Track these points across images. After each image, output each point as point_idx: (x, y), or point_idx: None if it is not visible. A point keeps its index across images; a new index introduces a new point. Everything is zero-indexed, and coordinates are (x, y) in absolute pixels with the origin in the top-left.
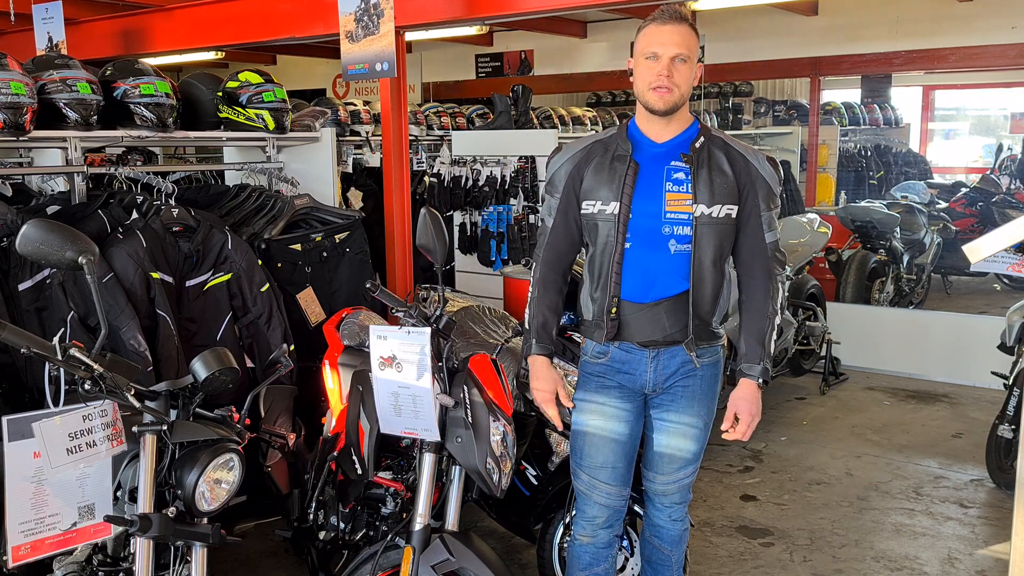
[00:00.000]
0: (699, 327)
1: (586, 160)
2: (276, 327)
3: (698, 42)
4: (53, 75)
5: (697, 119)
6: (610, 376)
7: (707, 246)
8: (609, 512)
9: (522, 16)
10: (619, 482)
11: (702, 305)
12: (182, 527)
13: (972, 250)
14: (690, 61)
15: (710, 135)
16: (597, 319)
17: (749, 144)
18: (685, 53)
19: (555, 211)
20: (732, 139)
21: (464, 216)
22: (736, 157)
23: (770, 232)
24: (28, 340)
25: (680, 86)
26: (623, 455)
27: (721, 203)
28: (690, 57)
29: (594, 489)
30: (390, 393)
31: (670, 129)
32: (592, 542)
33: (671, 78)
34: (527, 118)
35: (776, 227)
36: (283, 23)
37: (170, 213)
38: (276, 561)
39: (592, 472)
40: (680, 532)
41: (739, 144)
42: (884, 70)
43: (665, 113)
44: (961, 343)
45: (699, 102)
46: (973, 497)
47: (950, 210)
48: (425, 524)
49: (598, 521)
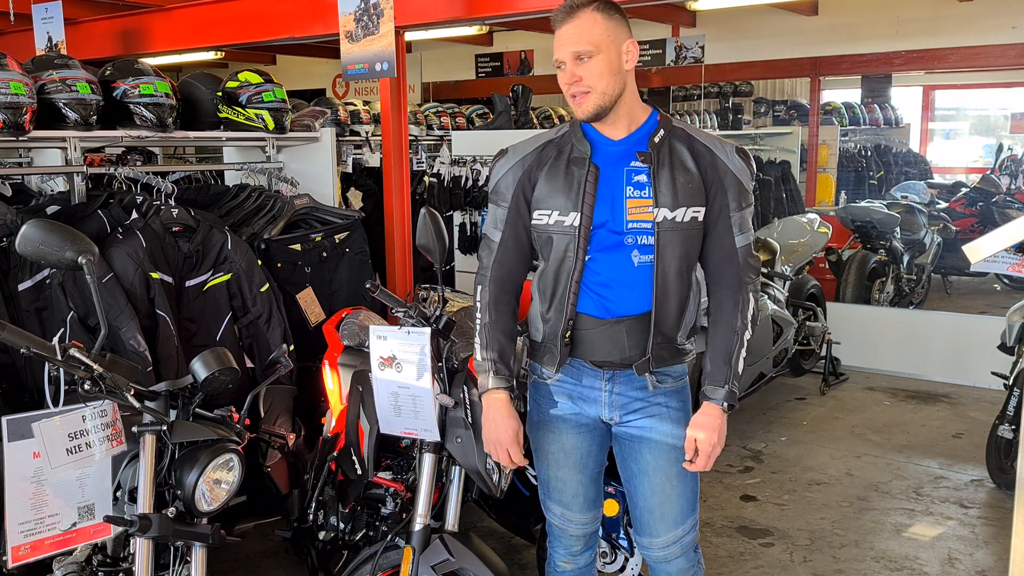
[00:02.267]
0: (660, 346)
1: (537, 164)
2: (276, 327)
3: (610, 23)
4: (53, 75)
5: (656, 109)
6: (562, 398)
7: (672, 256)
8: (582, 538)
9: (522, 16)
10: (591, 508)
11: (666, 322)
12: (182, 527)
13: (972, 250)
14: (600, 52)
15: (671, 127)
16: (548, 342)
17: (715, 135)
18: (586, 48)
19: (502, 223)
20: (696, 130)
21: (464, 216)
22: (701, 151)
23: (741, 235)
24: (28, 340)
25: (596, 85)
26: (591, 481)
27: (686, 205)
28: (596, 49)
29: (569, 522)
30: (390, 393)
31: (623, 125)
32: (573, 568)
33: (580, 82)
34: (527, 118)
35: (749, 229)
36: (283, 23)
37: (170, 213)
38: (276, 561)
39: (564, 505)
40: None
41: (704, 135)
42: (884, 70)
43: (594, 119)
44: (961, 343)
45: (699, 102)
46: (973, 497)
47: (950, 210)
48: (425, 524)
49: (575, 549)
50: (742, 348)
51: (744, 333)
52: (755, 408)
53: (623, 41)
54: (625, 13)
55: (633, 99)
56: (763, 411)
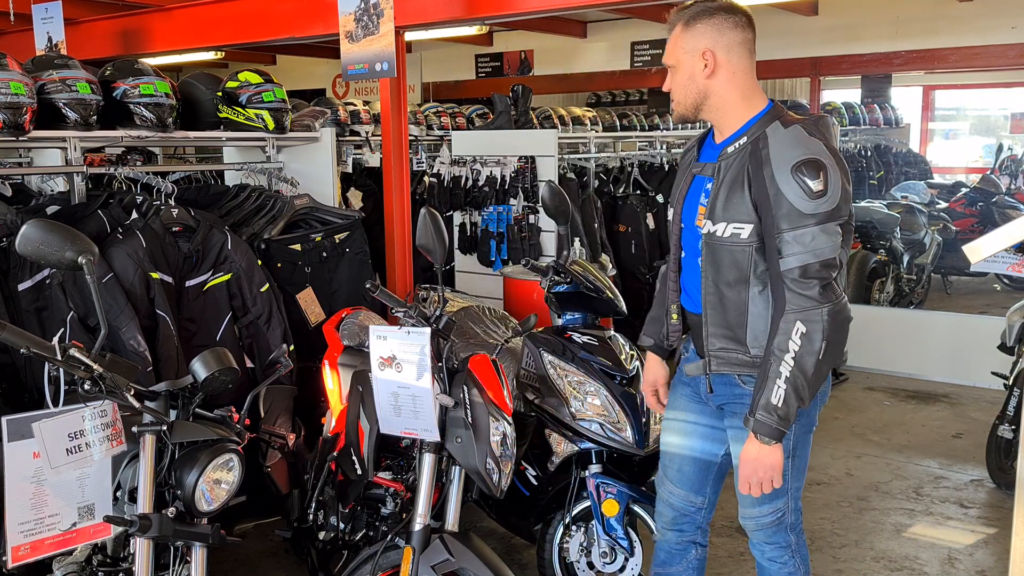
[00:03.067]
0: (722, 351)
1: (682, 156)
2: (276, 327)
3: (689, 36)
4: (53, 75)
5: (765, 110)
6: (680, 376)
7: (714, 266)
8: (673, 513)
9: (522, 16)
10: (685, 486)
11: (720, 329)
12: (182, 527)
13: (972, 250)
14: (679, 66)
15: (757, 135)
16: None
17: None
18: (669, 62)
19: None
20: (779, 139)
21: (464, 216)
22: (760, 165)
23: (789, 257)
24: (28, 340)
25: (675, 96)
26: (693, 461)
27: (726, 221)
28: (677, 63)
29: (662, 484)
30: (390, 393)
31: (720, 129)
32: (663, 540)
33: (671, 92)
34: (527, 118)
35: (798, 251)
36: (283, 23)
37: (170, 213)
38: (276, 561)
39: (664, 466)
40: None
41: (778, 146)
42: (884, 70)
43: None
44: (961, 343)
45: None
46: (973, 497)
47: (950, 210)
48: (425, 524)
49: (664, 519)
50: (778, 377)
51: (783, 359)
52: None
53: (702, 50)
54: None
55: (723, 105)
56: None
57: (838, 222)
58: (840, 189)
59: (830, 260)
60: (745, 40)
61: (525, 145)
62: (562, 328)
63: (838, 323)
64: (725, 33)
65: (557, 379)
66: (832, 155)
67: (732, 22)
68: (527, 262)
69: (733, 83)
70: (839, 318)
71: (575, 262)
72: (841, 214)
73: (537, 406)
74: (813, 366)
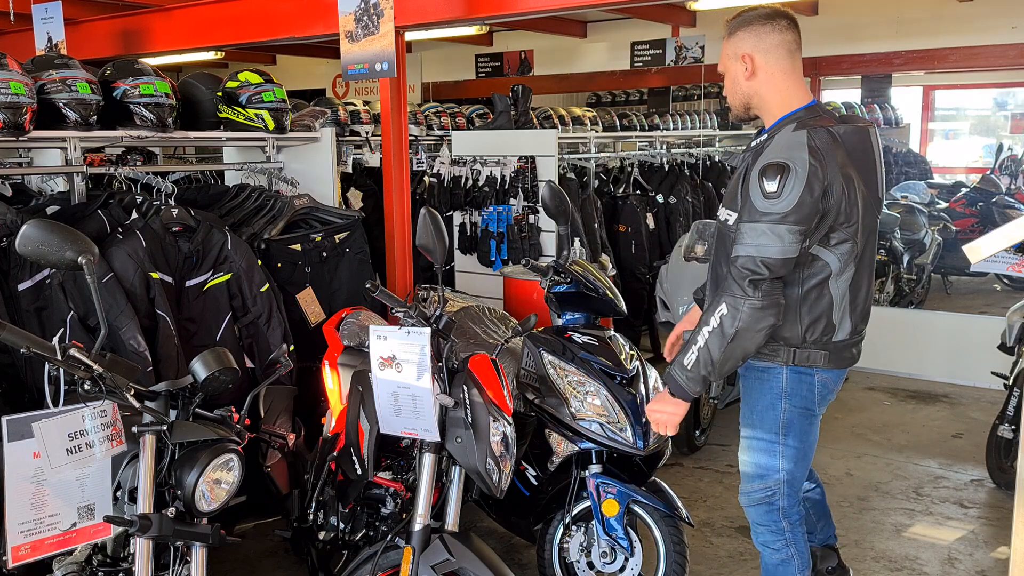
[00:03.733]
0: None
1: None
2: (276, 327)
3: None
4: (53, 75)
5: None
6: None
7: (718, 249)
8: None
9: (522, 16)
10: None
11: None
12: (182, 527)
13: (972, 250)
14: (727, 72)
15: (776, 132)
16: None
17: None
18: (720, 70)
19: None
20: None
21: (464, 216)
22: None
23: (738, 245)
24: (28, 340)
25: (728, 99)
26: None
27: (728, 208)
28: (725, 70)
29: None
30: (390, 393)
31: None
32: None
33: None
34: (527, 118)
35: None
36: (283, 23)
37: (170, 213)
38: (276, 561)
39: None
40: (767, 561)
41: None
42: (884, 70)
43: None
44: (961, 343)
45: (699, 102)
46: (973, 497)
47: (950, 210)
48: (425, 524)
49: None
50: (694, 343)
51: (702, 329)
52: None
53: (741, 55)
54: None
55: (764, 102)
56: None
57: (795, 226)
58: (797, 197)
59: (769, 260)
60: (783, 42)
61: (525, 145)
62: (562, 328)
63: (755, 320)
64: (763, 38)
65: (557, 379)
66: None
67: (770, 27)
68: (527, 262)
69: (772, 84)
70: (758, 316)
71: (575, 262)
72: (799, 219)
73: (537, 406)
74: (719, 347)
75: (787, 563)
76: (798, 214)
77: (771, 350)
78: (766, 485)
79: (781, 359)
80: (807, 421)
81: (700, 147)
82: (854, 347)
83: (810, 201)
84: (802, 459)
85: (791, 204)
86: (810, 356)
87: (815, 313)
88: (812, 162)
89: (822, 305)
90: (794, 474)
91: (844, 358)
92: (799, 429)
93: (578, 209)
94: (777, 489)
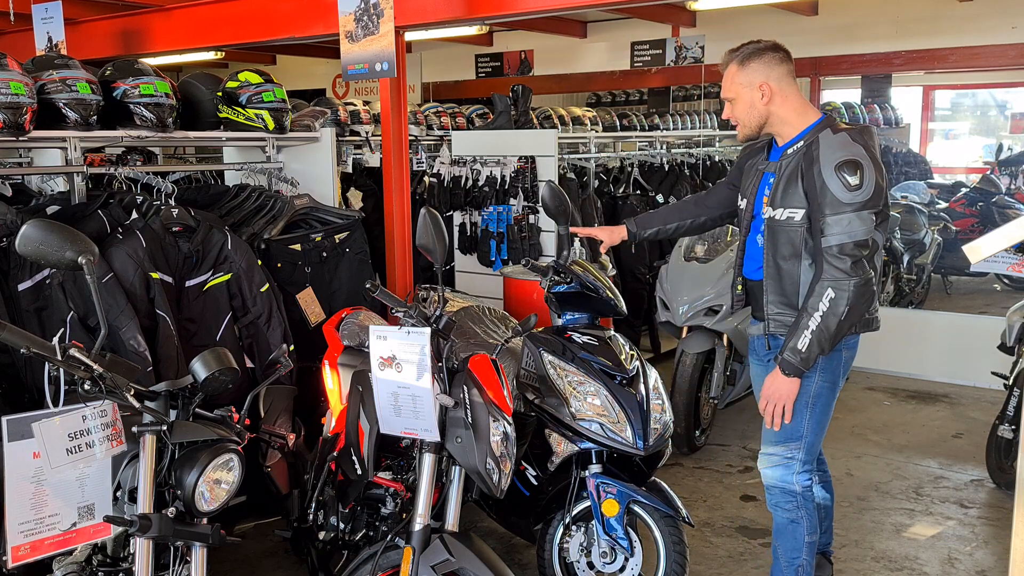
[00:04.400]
0: (778, 315)
1: (749, 155)
2: (276, 327)
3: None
4: (53, 75)
5: (819, 120)
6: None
7: (771, 243)
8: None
9: (522, 16)
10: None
11: (776, 295)
12: (182, 527)
13: (972, 250)
14: (738, 98)
15: (812, 140)
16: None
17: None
18: (728, 95)
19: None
20: (830, 143)
21: (464, 216)
22: (811, 164)
23: (830, 236)
24: (28, 340)
25: (740, 120)
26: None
27: (783, 207)
28: (736, 96)
29: None
30: (390, 393)
31: (783, 138)
32: None
33: (732, 117)
34: (527, 118)
35: (837, 231)
36: (283, 23)
37: (170, 213)
38: (276, 561)
39: None
40: (779, 521)
41: (827, 148)
42: (884, 70)
43: (746, 142)
44: (961, 343)
45: (699, 102)
46: (973, 497)
47: (950, 210)
48: (425, 524)
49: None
50: (806, 328)
51: (813, 315)
52: (755, 408)
53: (758, 84)
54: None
55: (781, 120)
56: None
57: (872, 210)
58: (874, 184)
59: (862, 241)
60: (789, 71)
61: (525, 145)
62: (562, 328)
63: (861, 293)
64: (774, 68)
65: (557, 379)
66: (870, 157)
67: (777, 58)
68: (527, 262)
69: (786, 104)
70: (862, 289)
71: (575, 262)
72: (875, 204)
73: (537, 406)
74: (835, 325)
75: (797, 523)
76: (876, 200)
77: None
78: (787, 448)
79: None
80: (832, 394)
81: (700, 147)
82: (876, 313)
83: (882, 187)
84: (821, 429)
85: (870, 192)
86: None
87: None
88: (869, 155)
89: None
90: (813, 442)
91: (869, 323)
92: (825, 401)
93: (578, 209)
94: (796, 454)
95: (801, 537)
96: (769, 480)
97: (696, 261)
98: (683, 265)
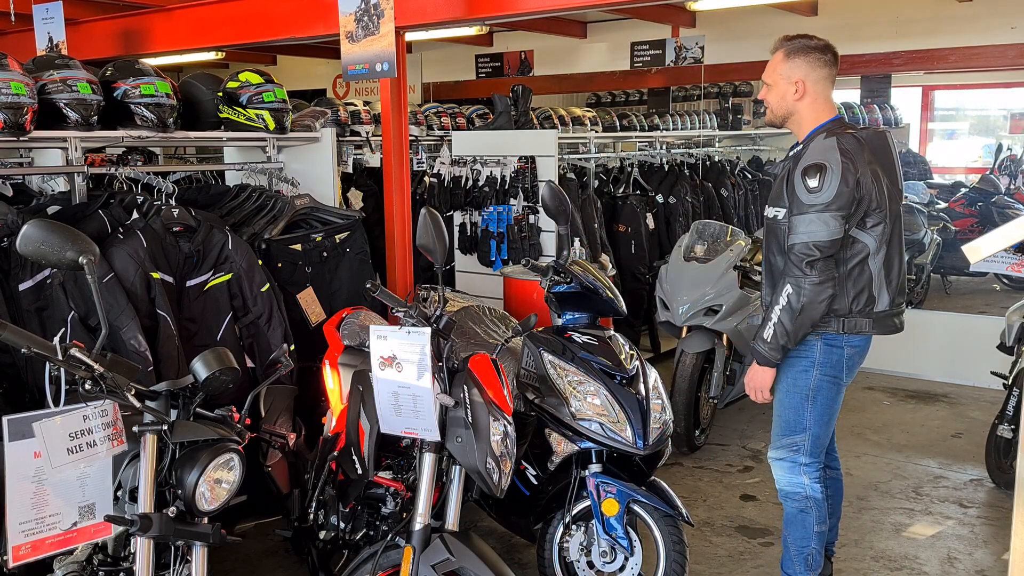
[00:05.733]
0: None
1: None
2: (276, 327)
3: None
4: (53, 75)
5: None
6: None
7: (767, 241)
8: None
9: (522, 16)
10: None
11: (769, 289)
12: (182, 527)
13: (972, 250)
14: (775, 86)
15: (809, 142)
16: None
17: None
18: (768, 80)
19: None
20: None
21: (464, 216)
22: (794, 167)
23: (792, 235)
24: (28, 340)
25: (770, 106)
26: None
27: (770, 205)
28: (773, 83)
29: None
30: (390, 393)
31: (798, 137)
32: None
33: (764, 101)
34: (527, 118)
35: (799, 231)
36: (283, 23)
37: (170, 213)
38: (276, 561)
39: None
40: (788, 511)
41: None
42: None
43: (771, 126)
44: (960, 343)
45: (699, 102)
46: (973, 497)
47: (950, 210)
48: (425, 524)
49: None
50: (769, 320)
51: (774, 308)
52: (755, 408)
53: (796, 79)
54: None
55: (801, 119)
56: (763, 411)
57: (836, 212)
58: (835, 188)
59: (819, 243)
60: (830, 75)
61: (525, 145)
62: (562, 328)
63: (817, 292)
64: (816, 69)
65: (557, 379)
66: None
67: (823, 60)
68: (527, 262)
69: (813, 106)
70: (818, 288)
71: (575, 262)
72: (839, 206)
73: (537, 406)
74: (791, 320)
75: (806, 513)
76: (838, 202)
77: (822, 320)
78: (792, 441)
79: (832, 328)
80: (834, 389)
81: (700, 147)
82: (895, 317)
83: (846, 191)
84: (826, 422)
85: (831, 195)
86: (857, 324)
87: (859, 287)
88: (843, 160)
89: (864, 280)
90: (818, 434)
91: (887, 326)
92: (827, 395)
93: (578, 209)
94: (801, 445)
95: (811, 526)
96: (778, 471)
97: (696, 261)
98: (683, 265)
